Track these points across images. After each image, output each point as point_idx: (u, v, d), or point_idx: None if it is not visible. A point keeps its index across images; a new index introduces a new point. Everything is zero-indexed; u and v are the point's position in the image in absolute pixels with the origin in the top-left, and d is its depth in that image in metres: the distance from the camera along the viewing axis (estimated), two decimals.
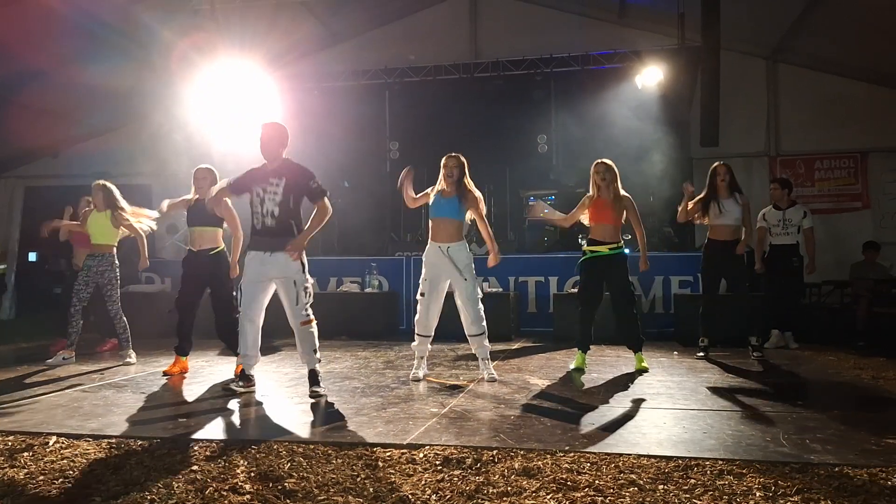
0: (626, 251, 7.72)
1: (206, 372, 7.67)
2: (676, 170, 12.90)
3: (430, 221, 7.13)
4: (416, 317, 7.04)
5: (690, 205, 8.52)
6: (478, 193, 7.13)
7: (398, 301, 11.94)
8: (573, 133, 13.87)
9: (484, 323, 6.95)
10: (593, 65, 13.76)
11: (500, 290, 11.35)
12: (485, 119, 14.58)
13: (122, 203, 8.63)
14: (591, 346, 7.83)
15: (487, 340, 7.01)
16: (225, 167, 10.41)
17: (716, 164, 8.73)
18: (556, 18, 14.85)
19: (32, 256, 16.86)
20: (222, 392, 6.40)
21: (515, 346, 9.85)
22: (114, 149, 15.44)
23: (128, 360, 8.47)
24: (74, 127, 15.14)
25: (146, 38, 11.94)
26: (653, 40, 13.78)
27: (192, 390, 6.65)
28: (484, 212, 7.15)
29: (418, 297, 7.03)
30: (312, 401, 5.96)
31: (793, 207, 9.56)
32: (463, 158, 7.22)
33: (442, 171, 7.15)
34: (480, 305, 6.96)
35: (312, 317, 6.25)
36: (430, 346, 7.19)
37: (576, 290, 10.70)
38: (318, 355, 6.30)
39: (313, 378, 6.26)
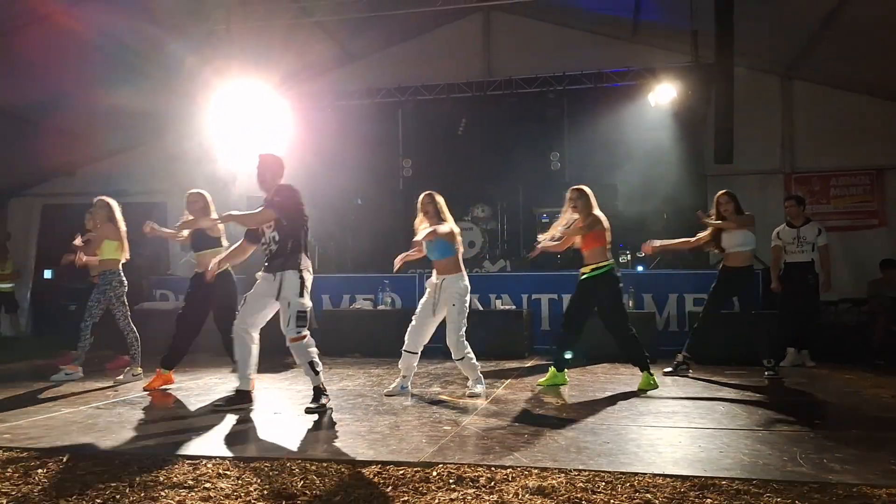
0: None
1: (219, 389, 7.67)
2: (691, 187, 12.89)
3: None
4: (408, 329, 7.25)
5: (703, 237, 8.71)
6: (448, 226, 7.14)
7: (411, 318, 11.88)
8: (586, 150, 13.89)
9: (464, 350, 7.03)
10: (606, 82, 13.75)
11: (514, 307, 11.31)
12: (498, 137, 14.59)
13: (120, 222, 8.66)
14: (566, 367, 7.93)
15: (471, 366, 7.11)
16: (239, 185, 10.47)
17: (718, 193, 8.72)
18: (570, 36, 14.88)
19: (48, 274, 16.93)
20: (237, 409, 6.41)
21: (529, 363, 9.82)
22: (130, 167, 15.56)
23: (133, 374, 8.47)
24: (91, 146, 15.25)
25: (162, 58, 12.03)
26: (666, 58, 13.79)
27: (206, 407, 6.65)
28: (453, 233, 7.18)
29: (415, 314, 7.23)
30: (323, 417, 5.97)
31: (807, 225, 9.51)
32: (435, 195, 7.26)
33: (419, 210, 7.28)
34: (462, 334, 7.03)
35: (303, 334, 6.24)
36: (415, 365, 7.41)
37: None
38: (316, 369, 6.29)
39: (315, 394, 6.30)
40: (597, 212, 7.66)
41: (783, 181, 14.06)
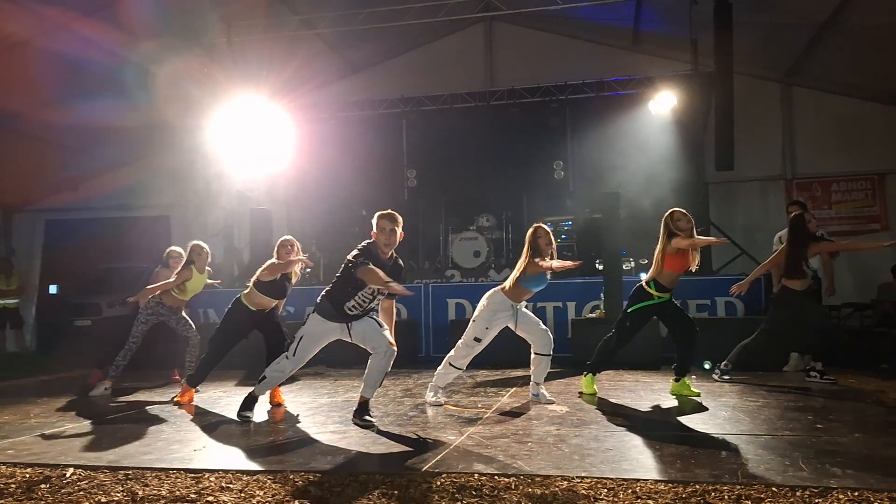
0: (642, 275, 7.67)
1: (223, 402, 7.68)
2: (692, 194, 12.91)
3: (519, 287, 7.03)
4: (461, 354, 7.10)
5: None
6: None
7: (417, 329, 11.92)
8: (589, 159, 13.93)
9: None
10: (608, 91, 13.81)
11: None
12: (501, 146, 14.64)
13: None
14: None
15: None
16: (243, 197, 10.52)
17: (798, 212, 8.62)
18: (571, 46, 14.97)
19: (53, 289, 16.97)
20: (238, 422, 6.43)
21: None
22: (132, 182, 15.61)
23: (105, 388, 8.68)
24: (93, 161, 15.30)
25: (164, 72, 12.08)
26: (666, 66, 13.85)
27: (209, 420, 6.66)
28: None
29: (473, 340, 7.04)
30: (327, 429, 5.97)
31: None
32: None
33: (544, 241, 7.10)
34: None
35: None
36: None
37: (595, 315, 10.72)
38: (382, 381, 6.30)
39: (366, 407, 6.25)
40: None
41: (784, 187, 14.09)
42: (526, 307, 7.21)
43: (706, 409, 6.61)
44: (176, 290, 8.63)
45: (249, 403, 6.56)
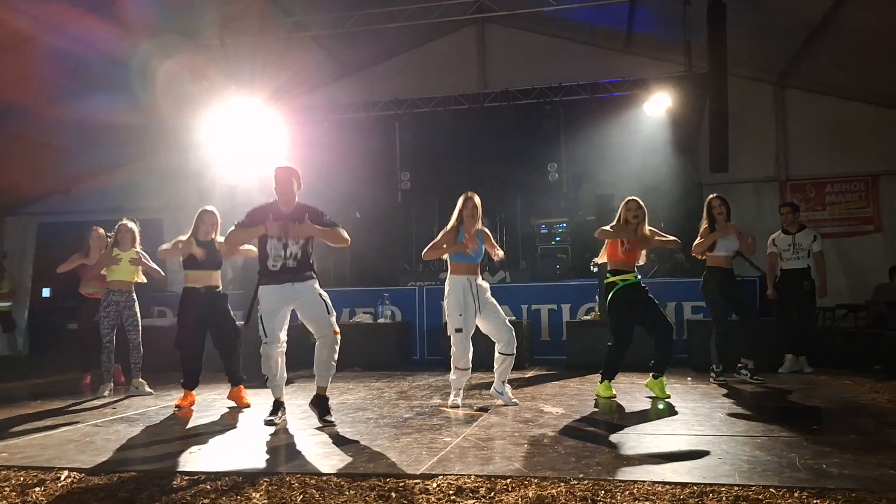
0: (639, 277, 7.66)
1: (217, 405, 7.65)
2: (686, 196, 12.91)
3: (451, 260, 7.13)
4: (455, 351, 7.05)
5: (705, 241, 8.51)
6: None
7: (411, 331, 11.93)
8: (583, 161, 13.92)
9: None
10: (602, 93, 13.79)
11: (513, 318, 11.30)
12: (495, 148, 14.61)
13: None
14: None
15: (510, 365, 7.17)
16: (235, 200, 10.47)
17: (710, 197, 8.67)
18: (564, 48, 14.96)
19: (46, 292, 16.92)
20: (240, 425, 6.41)
21: (529, 374, 9.81)
22: (125, 184, 15.57)
23: (146, 390, 8.78)
24: (86, 163, 15.25)
25: (156, 73, 12.03)
26: (660, 68, 13.84)
27: (204, 423, 6.63)
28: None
29: (453, 332, 7.02)
30: (323, 431, 5.94)
31: (802, 231, 9.52)
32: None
33: (464, 213, 7.14)
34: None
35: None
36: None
37: (590, 318, 10.73)
38: (333, 370, 6.27)
39: (325, 406, 6.27)
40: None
41: (778, 188, 14.11)
42: (492, 295, 7.12)
43: (702, 411, 6.61)
44: (107, 270, 8.86)
45: (275, 409, 6.53)
